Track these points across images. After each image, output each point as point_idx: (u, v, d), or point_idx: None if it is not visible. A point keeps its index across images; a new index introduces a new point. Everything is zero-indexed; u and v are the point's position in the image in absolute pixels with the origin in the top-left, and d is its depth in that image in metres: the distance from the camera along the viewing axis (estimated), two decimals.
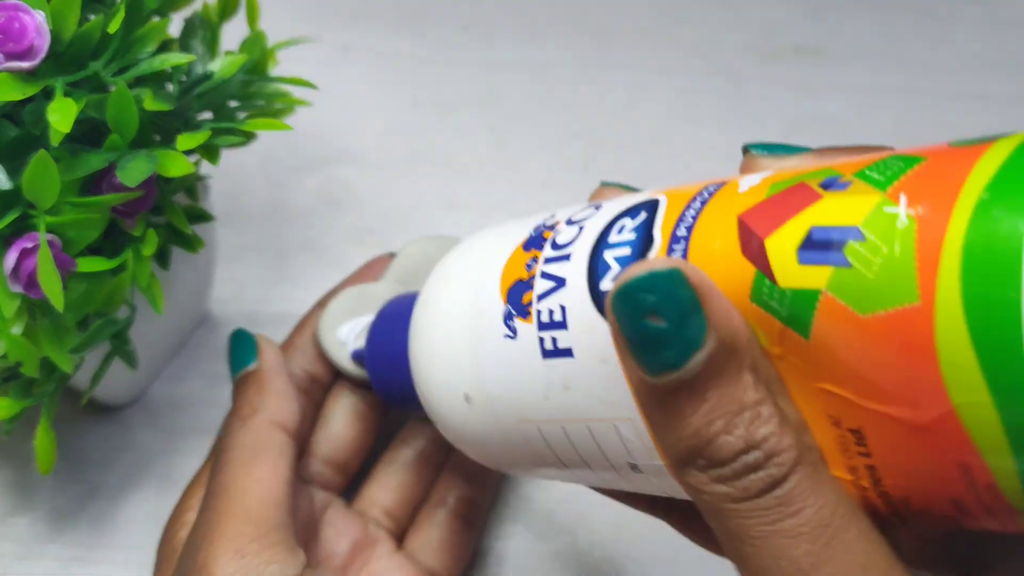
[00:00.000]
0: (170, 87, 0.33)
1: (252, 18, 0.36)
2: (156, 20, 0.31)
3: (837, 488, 0.20)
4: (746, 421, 0.19)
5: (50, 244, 0.28)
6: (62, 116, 0.27)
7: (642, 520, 0.40)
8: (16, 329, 0.29)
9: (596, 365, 0.23)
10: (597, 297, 0.23)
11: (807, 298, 0.19)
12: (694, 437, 0.20)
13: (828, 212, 0.19)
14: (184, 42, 0.34)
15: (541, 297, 0.25)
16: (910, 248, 0.18)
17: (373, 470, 0.37)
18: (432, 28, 0.58)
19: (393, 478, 0.37)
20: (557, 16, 0.60)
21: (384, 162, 0.51)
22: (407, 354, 0.30)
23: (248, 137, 0.35)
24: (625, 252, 0.23)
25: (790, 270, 0.19)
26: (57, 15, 0.28)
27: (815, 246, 0.19)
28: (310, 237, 0.48)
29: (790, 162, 0.23)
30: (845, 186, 0.20)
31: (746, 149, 0.25)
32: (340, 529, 0.35)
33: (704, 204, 0.23)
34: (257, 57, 0.35)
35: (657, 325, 0.19)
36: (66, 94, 0.28)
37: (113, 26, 0.29)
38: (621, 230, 0.24)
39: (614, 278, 0.23)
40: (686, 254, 0.22)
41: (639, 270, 0.20)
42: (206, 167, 0.37)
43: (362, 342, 0.35)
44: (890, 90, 0.57)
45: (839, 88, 0.57)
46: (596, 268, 0.24)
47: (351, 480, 0.37)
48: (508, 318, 0.26)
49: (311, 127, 0.52)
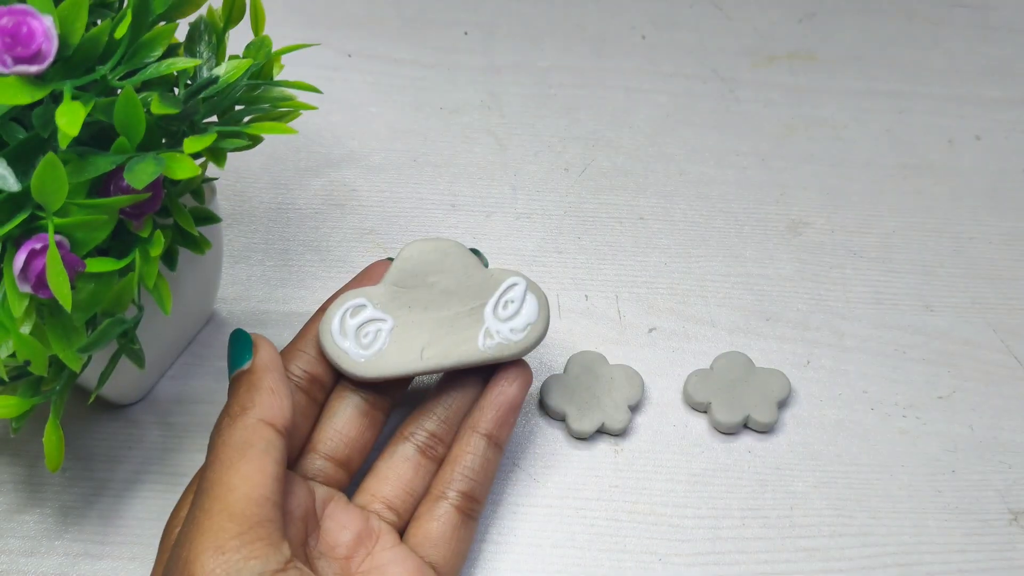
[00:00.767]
0: (177, 91, 0.33)
1: (257, 23, 0.36)
2: (162, 25, 0.31)
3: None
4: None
5: (58, 245, 0.29)
6: (70, 119, 0.27)
7: (638, 517, 0.41)
8: (25, 328, 0.29)
9: None
10: None
11: None
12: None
13: None
14: (190, 47, 0.35)
15: None
16: None
17: (374, 465, 0.38)
18: (434, 34, 0.59)
19: (393, 472, 0.37)
20: (556, 22, 0.60)
21: (387, 165, 0.52)
22: None
23: (254, 140, 0.35)
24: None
25: None
26: (65, 20, 0.29)
27: None
28: (315, 238, 0.49)
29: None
30: None
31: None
32: (342, 522, 0.35)
33: None
34: (262, 62, 0.35)
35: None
36: (74, 98, 0.28)
37: (120, 31, 0.30)
38: None
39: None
40: None
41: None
42: (212, 170, 0.38)
43: (361, 345, 0.36)
44: (882, 94, 0.57)
45: (832, 92, 0.57)
46: None
47: (353, 476, 0.38)
48: None
49: (316, 131, 0.53)
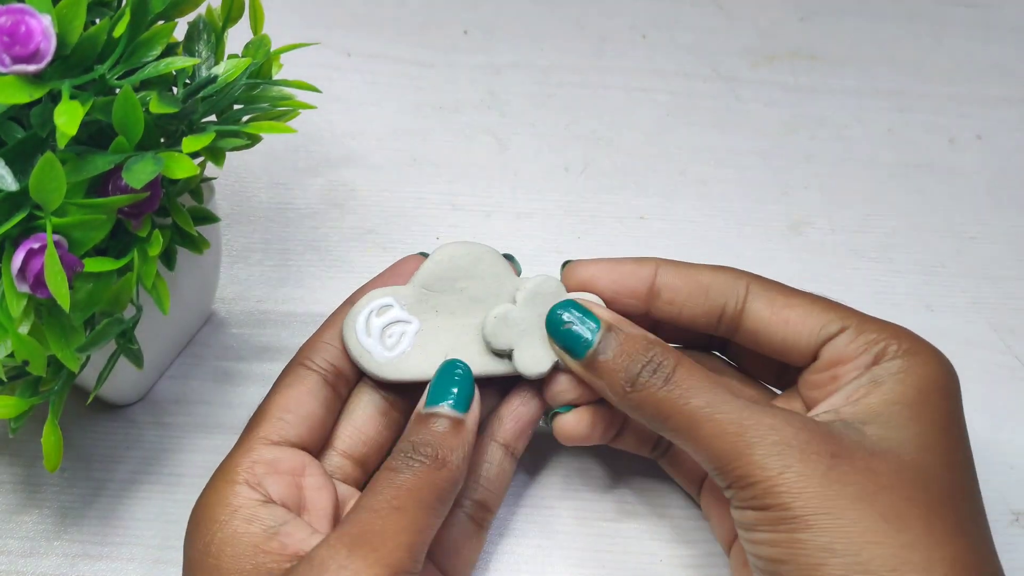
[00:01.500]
0: (175, 90, 0.33)
1: (256, 22, 0.36)
2: (161, 24, 0.31)
3: (703, 369, 0.33)
4: (641, 355, 0.33)
5: (57, 245, 0.29)
6: (68, 119, 0.27)
7: (639, 518, 0.40)
8: (23, 328, 0.29)
9: None
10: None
11: None
12: (621, 373, 0.34)
13: None
14: (189, 46, 0.35)
15: None
16: None
17: None
18: (433, 33, 0.59)
19: None
20: (556, 20, 0.60)
21: (387, 164, 0.52)
22: None
23: (252, 140, 0.35)
24: None
25: None
26: (63, 19, 0.29)
27: None
28: (314, 238, 0.49)
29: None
30: None
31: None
32: None
33: None
34: (261, 61, 0.35)
35: (570, 327, 0.35)
36: (72, 97, 0.28)
37: (119, 30, 0.30)
38: None
39: None
40: None
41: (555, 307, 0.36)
42: (211, 169, 0.38)
43: (385, 346, 0.36)
44: (883, 93, 0.57)
45: (833, 91, 0.57)
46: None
47: (369, 475, 0.37)
48: None
49: (315, 130, 0.53)
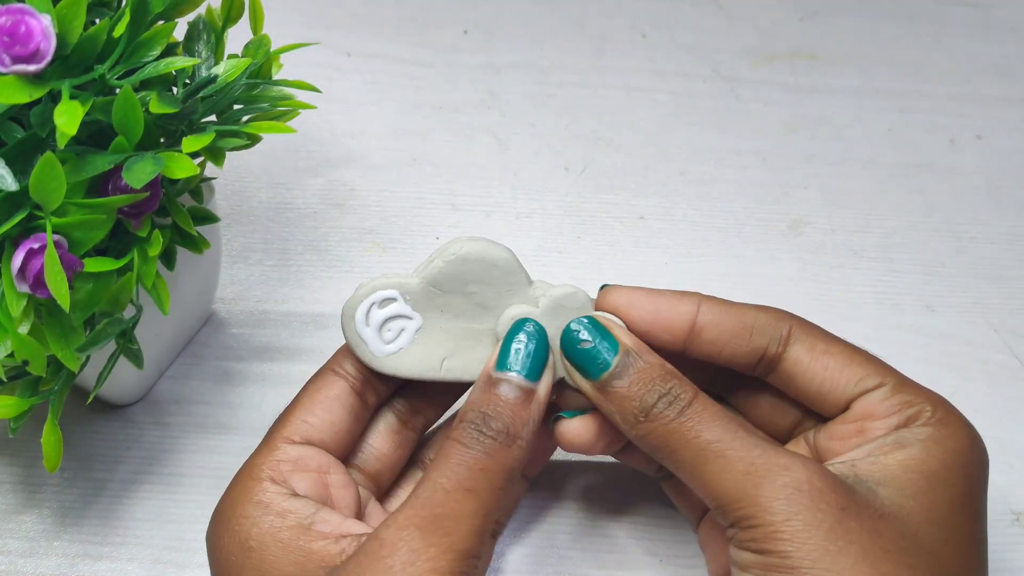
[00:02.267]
0: (175, 90, 0.33)
1: (256, 22, 0.36)
2: (161, 24, 0.31)
3: (717, 405, 0.32)
4: (659, 385, 0.32)
5: (57, 245, 0.29)
6: (68, 118, 0.27)
7: (639, 518, 0.40)
8: (23, 328, 0.29)
9: None
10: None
11: None
12: (635, 401, 0.32)
13: None
14: (189, 46, 0.35)
15: None
16: None
17: (401, 477, 0.38)
18: (433, 33, 0.59)
19: (407, 491, 0.37)
20: (556, 20, 0.60)
21: (386, 164, 0.52)
22: None
23: (252, 140, 0.35)
24: None
25: None
26: (63, 19, 0.29)
27: None
28: (314, 238, 0.49)
29: None
30: None
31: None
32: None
33: None
34: (261, 61, 0.35)
35: (586, 346, 0.33)
36: (72, 97, 0.28)
37: (118, 30, 0.30)
38: None
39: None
40: None
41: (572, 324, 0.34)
42: (211, 169, 0.38)
43: (383, 339, 0.35)
44: (883, 93, 0.57)
45: (833, 91, 0.57)
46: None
47: (382, 491, 0.37)
48: None
49: (315, 130, 0.53)
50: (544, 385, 0.33)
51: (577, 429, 0.35)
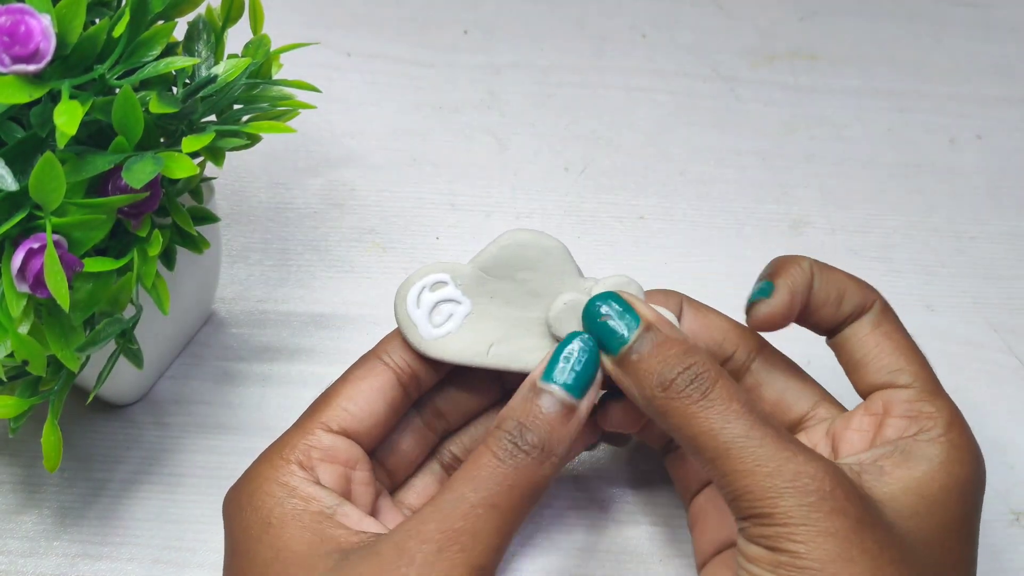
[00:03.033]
0: (175, 90, 0.33)
1: (256, 22, 0.36)
2: (161, 24, 0.31)
3: (741, 391, 0.31)
4: (678, 360, 0.31)
5: (56, 244, 0.29)
6: (68, 118, 0.27)
7: (639, 518, 0.40)
8: (23, 328, 0.29)
9: None
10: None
11: None
12: (653, 375, 0.31)
13: None
14: (189, 46, 0.35)
15: None
16: None
17: (412, 476, 0.38)
18: (433, 33, 0.59)
19: (421, 481, 0.37)
20: (556, 20, 0.60)
21: (386, 164, 0.52)
22: None
23: (252, 139, 0.35)
24: None
25: None
26: (63, 18, 0.29)
27: None
28: (313, 238, 0.49)
29: None
30: None
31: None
32: (388, 521, 0.35)
33: None
34: (261, 61, 0.35)
35: (607, 320, 0.32)
36: (72, 97, 0.28)
37: (118, 30, 0.30)
38: None
39: None
40: None
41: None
42: (211, 169, 0.38)
43: (433, 322, 0.35)
44: (883, 93, 0.57)
45: (833, 91, 0.57)
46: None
47: (395, 485, 0.37)
48: None
49: (315, 130, 0.53)
50: (587, 403, 0.32)
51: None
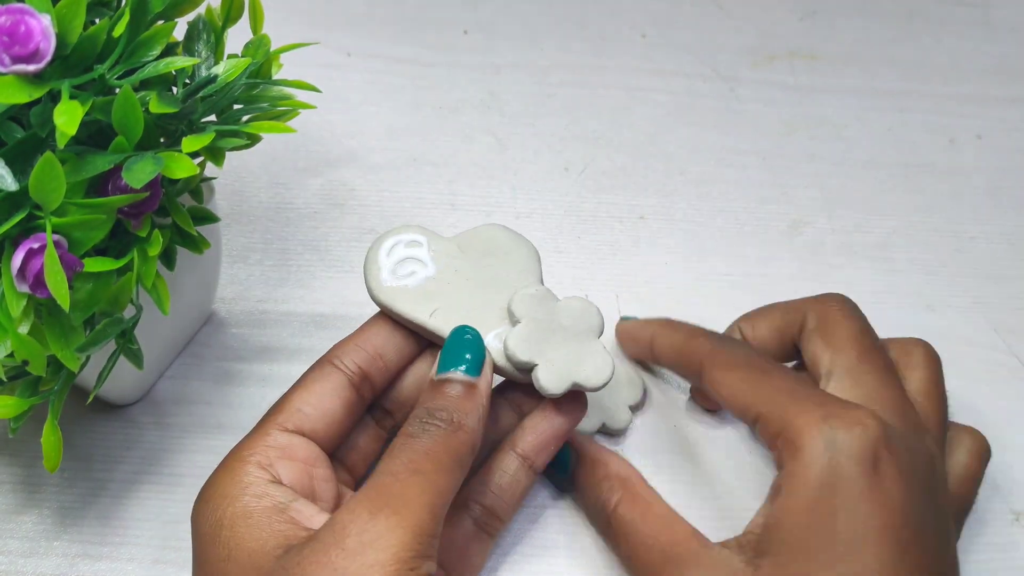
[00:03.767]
0: (175, 90, 0.33)
1: (256, 22, 0.36)
2: (161, 24, 0.31)
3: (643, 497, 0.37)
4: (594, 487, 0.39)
5: (56, 244, 0.29)
6: (68, 118, 0.27)
7: None
8: (23, 328, 0.29)
9: None
10: None
11: None
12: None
13: None
14: (189, 46, 0.35)
15: None
16: None
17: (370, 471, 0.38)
18: (433, 33, 0.59)
19: None
20: (556, 21, 0.60)
21: (386, 164, 0.52)
22: None
23: (252, 139, 0.35)
24: None
25: None
26: (63, 18, 0.29)
27: None
28: (314, 238, 0.49)
29: None
30: None
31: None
32: None
33: None
34: (261, 61, 0.35)
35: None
36: (72, 97, 0.28)
37: (118, 29, 0.30)
38: None
39: None
40: None
41: None
42: (211, 169, 0.38)
43: (395, 274, 0.36)
44: (883, 93, 0.57)
45: (833, 91, 0.57)
46: None
47: (356, 481, 0.37)
48: None
49: (315, 130, 0.53)
50: (485, 379, 0.34)
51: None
